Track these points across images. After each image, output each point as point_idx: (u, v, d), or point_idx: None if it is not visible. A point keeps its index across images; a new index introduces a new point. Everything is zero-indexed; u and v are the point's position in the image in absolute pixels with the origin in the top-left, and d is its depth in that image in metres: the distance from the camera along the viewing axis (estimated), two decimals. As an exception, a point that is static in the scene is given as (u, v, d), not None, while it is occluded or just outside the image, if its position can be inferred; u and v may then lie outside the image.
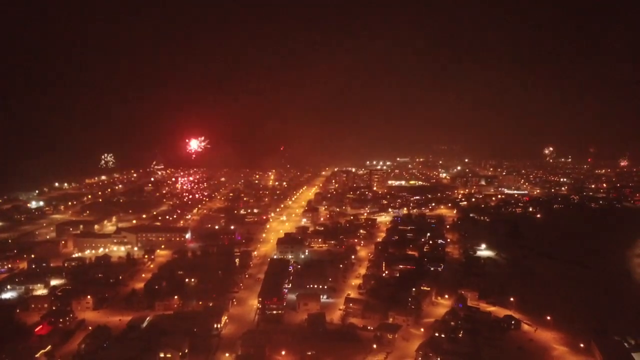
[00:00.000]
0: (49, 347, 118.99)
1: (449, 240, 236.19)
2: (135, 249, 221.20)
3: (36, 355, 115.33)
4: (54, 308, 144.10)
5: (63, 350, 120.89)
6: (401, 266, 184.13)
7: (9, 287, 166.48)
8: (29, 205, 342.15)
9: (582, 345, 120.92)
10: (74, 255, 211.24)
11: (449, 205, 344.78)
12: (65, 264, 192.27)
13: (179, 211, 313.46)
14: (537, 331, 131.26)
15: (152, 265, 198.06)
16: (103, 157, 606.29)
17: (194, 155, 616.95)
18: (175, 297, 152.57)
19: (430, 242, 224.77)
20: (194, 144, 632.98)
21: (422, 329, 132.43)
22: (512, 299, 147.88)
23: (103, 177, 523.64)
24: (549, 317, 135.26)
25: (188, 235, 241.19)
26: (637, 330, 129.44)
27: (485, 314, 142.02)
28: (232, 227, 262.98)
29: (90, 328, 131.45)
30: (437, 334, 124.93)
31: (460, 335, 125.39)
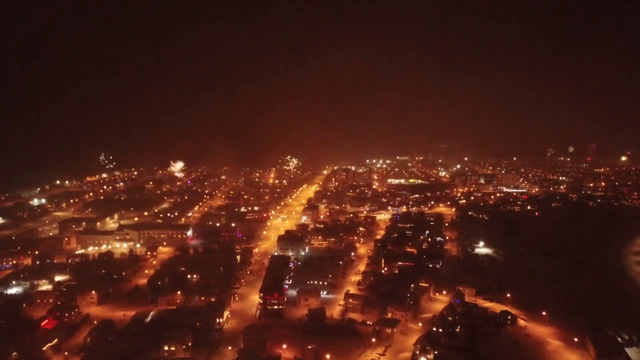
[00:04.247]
0: (56, 340, 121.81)
1: (447, 237, 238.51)
2: (138, 245, 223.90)
3: (43, 349, 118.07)
4: (59, 303, 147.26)
5: (69, 343, 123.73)
6: (400, 263, 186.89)
7: (14, 282, 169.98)
8: (31, 202, 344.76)
9: (576, 339, 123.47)
10: (77, 252, 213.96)
11: (448, 203, 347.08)
12: (69, 260, 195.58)
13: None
14: (531, 326, 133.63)
15: (154, 262, 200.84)
16: (102, 157, 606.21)
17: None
18: (178, 292, 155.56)
19: (429, 239, 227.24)
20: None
21: (420, 324, 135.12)
22: (508, 295, 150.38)
23: (104, 175, 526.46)
24: (544, 313, 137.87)
25: (189, 233, 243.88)
26: (630, 325, 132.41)
27: (482, 309, 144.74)
28: (233, 225, 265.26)
29: (95, 322, 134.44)
30: (434, 329, 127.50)
31: (457, 330, 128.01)
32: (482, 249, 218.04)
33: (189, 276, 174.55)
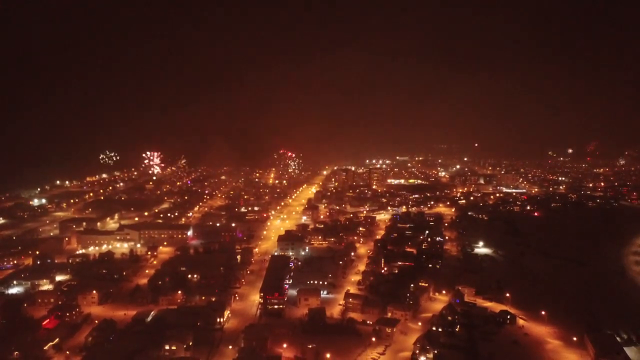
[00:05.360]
0: (57, 340, 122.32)
1: (447, 237, 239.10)
2: (138, 245, 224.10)
3: (44, 348, 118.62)
4: (60, 303, 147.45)
5: (70, 343, 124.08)
6: (400, 263, 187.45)
7: (15, 282, 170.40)
8: (31, 202, 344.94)
9: (575, 339, 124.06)
10: (77, 252, 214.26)
11: (448, 203, 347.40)
12: (70, 260, 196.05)
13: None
14: (530, 326, 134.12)
15: (155, 262, 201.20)
16: (103, 155, 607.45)
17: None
18: (179, 292, 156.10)
19: (429, 239, 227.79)
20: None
21: (419, 324, 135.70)
22: (507, 295, 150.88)
23: (104, 175, 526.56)
24: (543, 312, 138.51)
25: (190, 233, 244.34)
26: (629, 324, 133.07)
27: (481, 309, 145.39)
28: (233, 225, 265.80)
29: (96, 322, 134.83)
30: (434, 328, 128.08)
31: (457, 330, 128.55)
32: (481, 248, 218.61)
33: (189, 276, 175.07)
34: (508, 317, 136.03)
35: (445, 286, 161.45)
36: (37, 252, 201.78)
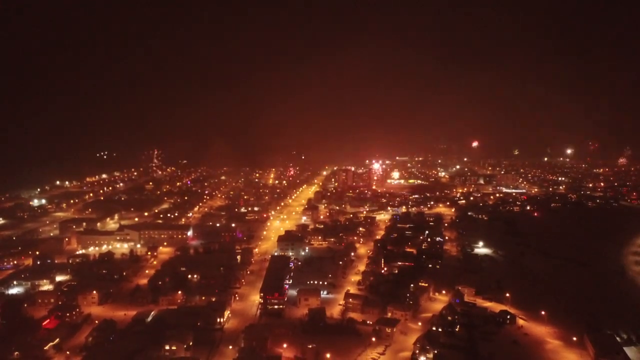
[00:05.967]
0: (57, 340, 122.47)
1: (447, 238, 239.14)
2: (138, 246, 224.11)
3: (44, 348, 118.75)
4: (60, 303, 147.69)
5: (70, 343, 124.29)
6: (400, 263, 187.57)
7: (15, 282, 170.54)
8: (31, 203, 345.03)
9: (575, 339, 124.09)
10: (78, 252, 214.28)
11: (448, 203, 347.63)
12: (70, 261, 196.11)
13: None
14: (530, 326, 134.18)
15: (155, 262, 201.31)
16: (101, 153, 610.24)
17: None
18: (179, 292, 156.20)
19: (429, 239, 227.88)
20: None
21: (419, 324, 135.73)
22: (507, 295, 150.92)
23: (104, 176, 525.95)
24: (543, 312, 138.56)
25: (190, 233, 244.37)
26: (629, 324, 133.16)
27: (481, 309, 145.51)
28: (233, 225, 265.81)
29: (96, 322, 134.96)
30: (434, 328, 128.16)
31: (457, 330, 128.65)
32: (481, 249, 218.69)
33: (189, 276, 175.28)
34: (508, 317, 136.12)
35: (445, 286, 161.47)
36: (37, 253, 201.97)
